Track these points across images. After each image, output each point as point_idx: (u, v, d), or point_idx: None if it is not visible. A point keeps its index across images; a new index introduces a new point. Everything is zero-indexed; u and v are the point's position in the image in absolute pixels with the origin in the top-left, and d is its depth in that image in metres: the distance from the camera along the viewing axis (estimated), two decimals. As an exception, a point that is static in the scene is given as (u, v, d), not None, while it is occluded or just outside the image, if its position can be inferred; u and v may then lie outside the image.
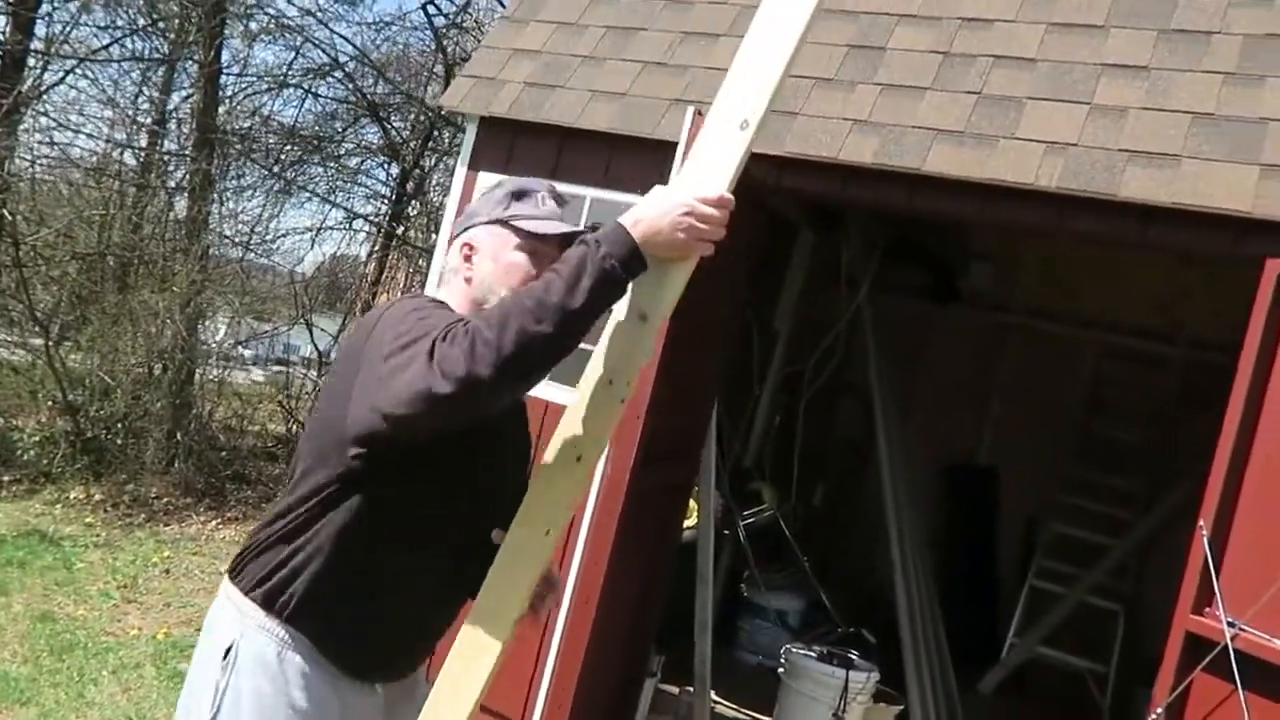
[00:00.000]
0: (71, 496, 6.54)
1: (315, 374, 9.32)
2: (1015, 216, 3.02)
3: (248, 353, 10.36)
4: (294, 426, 8.99)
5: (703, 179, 1.41)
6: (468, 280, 1.70)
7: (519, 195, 1.71)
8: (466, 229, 1.73)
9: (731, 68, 1.42)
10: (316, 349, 9.62)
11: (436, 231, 8.18)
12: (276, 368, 10.26)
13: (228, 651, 1.60)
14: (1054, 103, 2.99)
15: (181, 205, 8.23)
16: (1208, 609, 2.62)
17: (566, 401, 1.56)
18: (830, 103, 3.29)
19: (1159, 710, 2.67)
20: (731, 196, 1.41)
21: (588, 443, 1.48)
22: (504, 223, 1.69)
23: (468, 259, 1.70)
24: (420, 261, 9.42)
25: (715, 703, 3.92)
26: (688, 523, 3.96)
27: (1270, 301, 2.58)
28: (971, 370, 6.24)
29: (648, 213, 1.44)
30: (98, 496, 6.67)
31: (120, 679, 3.98)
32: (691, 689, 3.73)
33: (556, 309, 1.36)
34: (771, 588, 4.78)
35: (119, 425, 7.36)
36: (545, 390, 3.39)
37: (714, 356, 3.50)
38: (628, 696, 3.42)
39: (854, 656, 3.60)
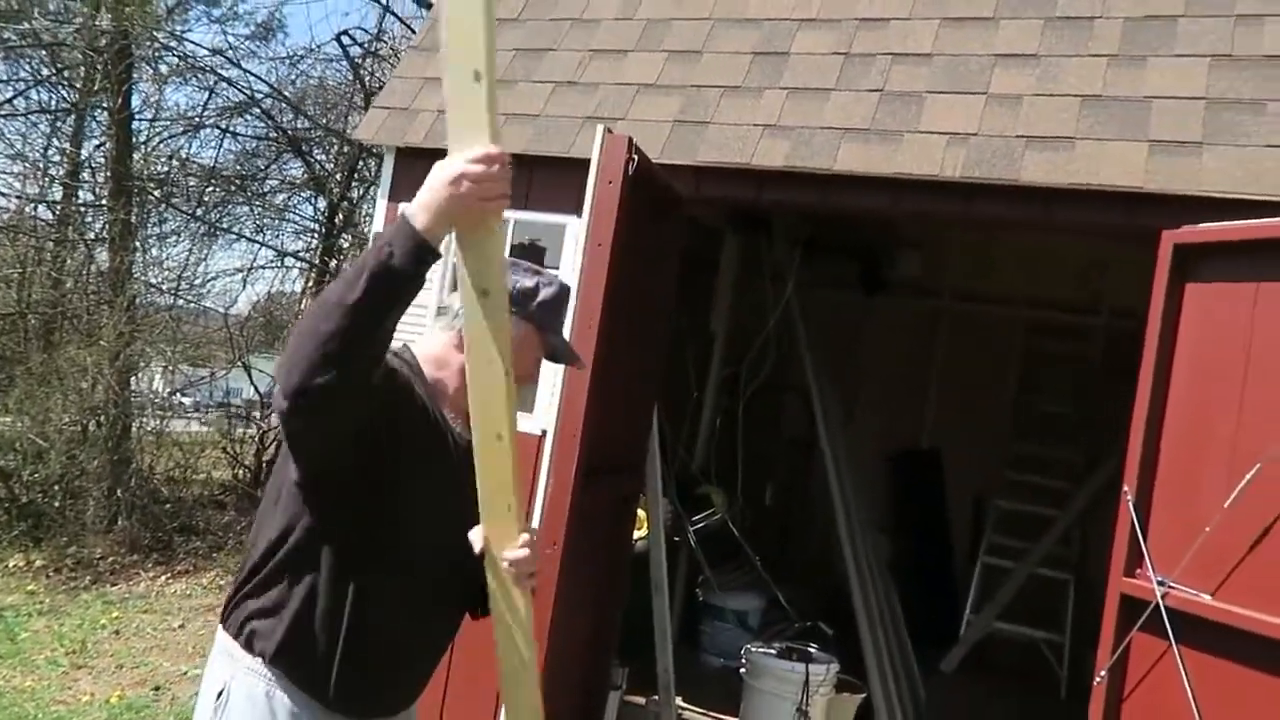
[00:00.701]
0: (10, 565, 6.35)
1: (259, 415, 9.18)
2: (925, 207, 3.11)
3: (187, 400, 10.16)
4: (240, 471, 8.84)
5: (463, 142, 1.40)
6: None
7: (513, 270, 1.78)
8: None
9: (443, 30, 1.40)
10: (257, 390, 9.47)
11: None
12: (218, 413, 10.08)
13: (220, 694, 1.66)
14: (952, 95, 3.09)
15: (103, 257, 8.05)
16: (1139, 570, 2.72)
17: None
18: (740, 110, 3.36)
19: (1102, 673, 2.77)
20: (498, 149, 1.39)
21: (501, 422, 1.53)
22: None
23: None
24: (355, 295, 9.31)
25: (681, 709, 3.95)
26: (639, 533, 3.98)
27: (1168, 272, 2.69)
28: (908, 357, 6.38)
29: (424, 194, 1.44)
30: (39, 562, 6.49)
31: (73, 748, 3.87)
32: (657, 698, 3.75)
33: (336, 305, 1.40)
34: (728, 589, 4.83)
35: (55, 487, 7.17)
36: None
37: (649, 364, 3.53)
38: (593, 712, 3.43)
39: (813, 650, 3.65)
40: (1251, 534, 2.49)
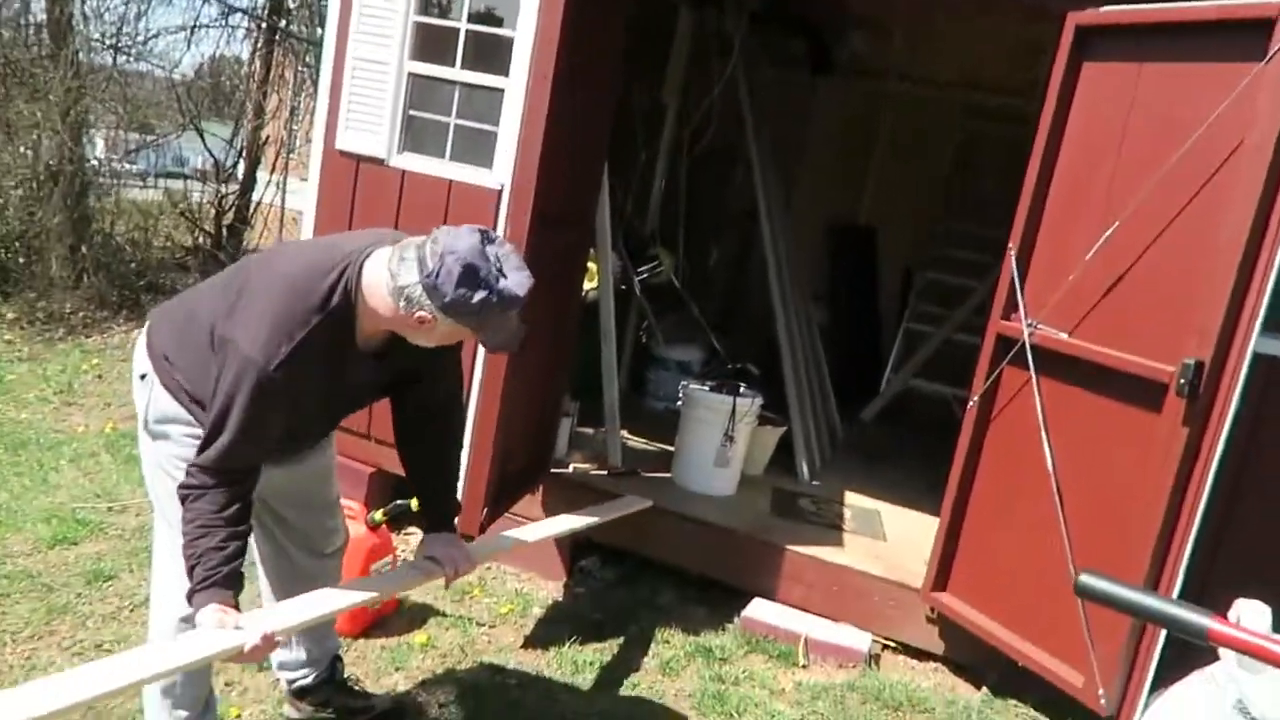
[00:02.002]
0: (-18, 316, 6.58)
1: (216, 183, 9.19)
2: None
3: (136, 166, 10.05)
4: (200, 236, 8.97)
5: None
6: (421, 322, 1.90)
7: (469, 282, 1.82)
8: (423, 299, 1.84)
9: None
10: (212, 155, 9.42)
11: (321, 25, 7.92)
12: (169, 181, 10.01)
13: (144, 377, 2.10)
14: None
15: (39, 6, 7.76)
16: (1014, 314, 3.18)
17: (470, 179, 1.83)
18: None
19: (975, 399, 3.29)
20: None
21: None
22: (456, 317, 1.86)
23: (421, 323, 1.90)
24: (307, 58, 9.12)
25: (626, 438, 4.50)
26: (590, 285, 4.37)
27: (1068, 50, 2.98)
28: (850, 137, 6.65)
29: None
30: (10, 315, 6.73)
31: (79, 466, 4.30)
32: (605, 428, 4.28)
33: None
34: (673, 343, 5.32)
35: (16, 244, 7.29)
36: (447, 169, 3.66)
37: (598, 125, 3.77)
38: (547, 435, 3.94)
39: (741, 387, 4.17)
40: (1106, 282, 2.93)
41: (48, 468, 4.23)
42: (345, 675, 2.72)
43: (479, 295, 1.82)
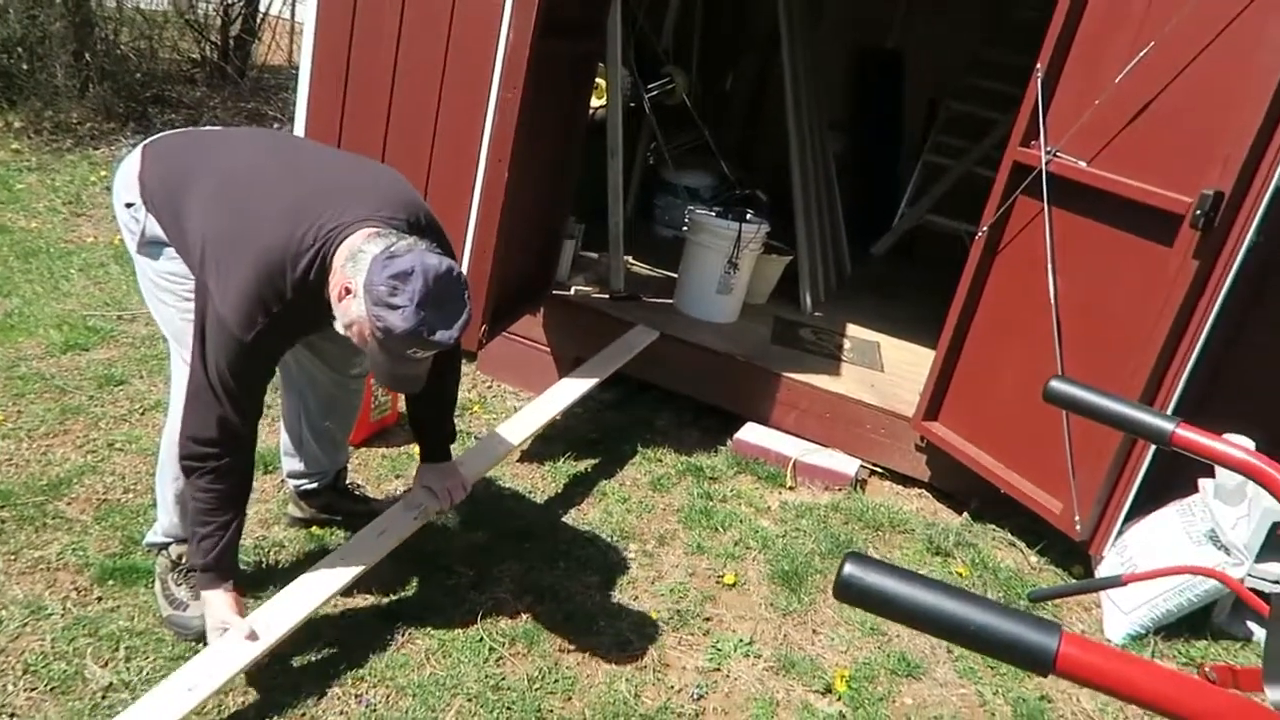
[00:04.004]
0: (-10, 125, 6.50)
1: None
2: None
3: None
4: (207, 47, 8.69)
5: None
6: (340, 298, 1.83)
7: (396, 288, 1.74)
8: (351, 277, 1.79)
9: None
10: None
11: None
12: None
13: (130, 205, 2.10)
14: None
15: None
16: (1033, 142, 3.05)
17: None
18: None
19: (984, 228, 3.21)
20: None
21: None
22: (375, 321, 1.77)
23: (340, 299, 1.82)
24: None
25: (630, 264, 4.47)
26: (598, 102, 4.22)
27: None
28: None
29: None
30: (17, 124, 6.64)
31: (89, 275, 4.33)
32: (609, 251, 4.23)
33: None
34: (683, 167, 5.19)
35: (18, 49, 7.09)
36: None
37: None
38: (549, 255, 3.91)
39: (748, 213, 4.08)
40: (1133, 109, 2.79)
41: (58, 276, 4.26)
42: (348, 481, 2.82)
43: (401, 300, 1.74)
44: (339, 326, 1.87)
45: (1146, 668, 0.64)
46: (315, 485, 2.68)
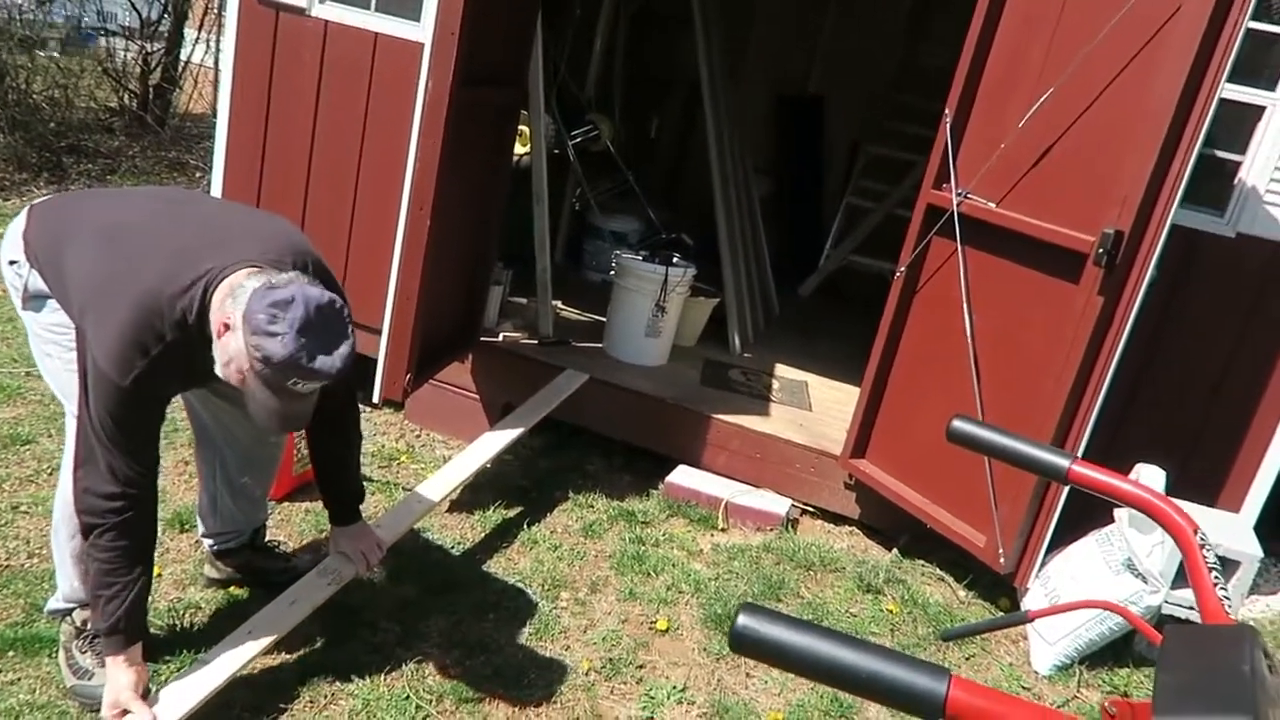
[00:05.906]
0: (-106, 175, 6.26)
1: (147, 42, 8.66)
2: None
3: (56, 18, 9.40)
4: (126, 97, 8.52)
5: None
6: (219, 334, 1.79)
7: (275, 316, 1.71)
8: (230, 313, 1.76)
9: None
10: (136, 9, 8.86)
11: None
12: (92, 38, 9.40)
13: (13, 263, 2.06)
14: None
15: None
16: (945, 185, 3.15)
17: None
18: None
19: (902, 269, 3.29)
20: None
21: None
22: (253, 351, 1.73)
23: (220, 335, 1.79)
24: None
25: (560, 309, 4.47)
26: (522, 150, 4.24)
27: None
28: (802, 3, 6.40)
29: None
30: (-77, 175, 6.42)
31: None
32: (537, 298, 4.23)
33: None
34: (609, 212, 5.22)
35: (-74, 99, 6.89)
36: (373, 21, 3.48)
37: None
38: (476, 302, 3.88)
39: (675, 257, 4.12)
40: (1036, 153, 2.90)
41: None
42: (266, 539, 2.74)
43: (280, 327, 1.69)
44: (218, 368, 1.81)
45: (1033, 710, 0.65)
46: (232, 544, 2.59)
